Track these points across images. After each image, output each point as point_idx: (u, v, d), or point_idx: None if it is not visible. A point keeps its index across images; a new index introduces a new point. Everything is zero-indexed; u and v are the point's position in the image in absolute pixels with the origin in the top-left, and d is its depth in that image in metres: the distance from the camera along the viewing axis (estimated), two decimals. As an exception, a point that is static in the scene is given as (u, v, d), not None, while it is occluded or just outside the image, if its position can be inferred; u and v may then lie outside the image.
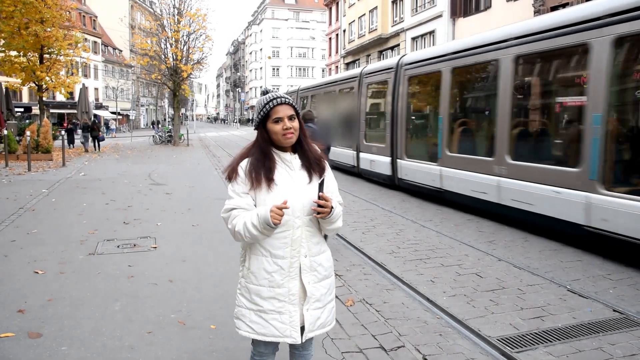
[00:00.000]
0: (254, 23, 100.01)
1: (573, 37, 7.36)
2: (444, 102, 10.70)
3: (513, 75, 8.63)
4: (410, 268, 6.23)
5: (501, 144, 8.79)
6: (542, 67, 8.68)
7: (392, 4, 37.49)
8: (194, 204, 10.50)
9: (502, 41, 8.85)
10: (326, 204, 2.44)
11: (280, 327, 2.55)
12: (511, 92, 8.72)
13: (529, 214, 8.01)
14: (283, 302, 2.55)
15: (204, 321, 4.44)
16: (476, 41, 9.81)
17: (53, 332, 4.19)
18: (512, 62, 8.59)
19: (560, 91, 8.26)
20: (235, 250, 6.67)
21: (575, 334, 4.30)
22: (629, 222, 6.23)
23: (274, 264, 2.54)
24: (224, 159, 22.39)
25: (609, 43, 6.71)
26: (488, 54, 9.31)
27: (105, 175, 15.51)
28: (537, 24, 8.30)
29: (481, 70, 10.15)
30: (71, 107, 49.05)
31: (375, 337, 4.20)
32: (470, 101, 11.08)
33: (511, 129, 8.70)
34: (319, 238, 2.65)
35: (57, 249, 6.83)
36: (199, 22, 31.71)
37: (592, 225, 6.80)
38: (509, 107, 8.72)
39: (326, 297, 2.66)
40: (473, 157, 9.76)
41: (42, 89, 26.28)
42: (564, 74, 8.23)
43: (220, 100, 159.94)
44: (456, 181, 10.01)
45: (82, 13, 58.73)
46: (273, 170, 2.53)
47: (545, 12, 22.32)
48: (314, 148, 2.66)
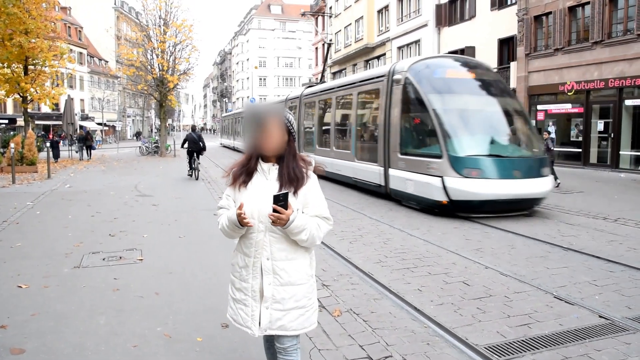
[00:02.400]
0: (241, 33, 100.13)
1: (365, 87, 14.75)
2: (323, 118, 18.11)
3: (355, 104, 15.06)
4: (397, 277, 6.23)
5: (352, 144, 15.03)
6: (357, 100, 15.02)
7: (378, 14, 37.76)
8: (180, 215, 10.44)
9: (350, 84, 15.73)
10: (279, 216, 2.62)
11: (244, 317, 2.87)
12: (354, 114, 15.22)
13: (363, 182, 14.03)
14: (247, 296, 2.85)
15: (191, 334, 4.41)
16: (341, 82, 17.15)
17: (36, 348, 4.13)
18: (355, 95, 15.07)
19: (357, 115, 15.08)
20: (222, 261, 6.66)
21: (561, 341, 4.31)
22: (364, 176, 13.87)
23: (243, 260, 2.88)
24: (211, 169, 22.32)
25: (356, 93, 14.96)
26: (343, 90, 16.23)
27: (91, 187, 15.39)
28: (347, 80, 16.91)
29: (343, 99, 16.34)
30: (56, 119, 48.79)
31: (362, 348, 4.18)
32: (338, 118, 16.84)
33: (357, 135, 15.00)
34: (287, 245, 2.81)
35: (42, 262, 6.75)
36: (185, 32, 31.69)
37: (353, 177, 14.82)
38: (354, 124, 15.14)
39: (289, 303, 2.81)
40: (338, 151, 16.14)
41: (27, 101, 26.05)
42: (355, 107, 15.16)
43: (208, 110, 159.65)
44: (328, 164, 16.36)
45: (67, 24, 58.46)
46: (251, 175, 2.85)
47: (528, 20, 22.60)
48: (294, 164, 2.83)
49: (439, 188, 10.26)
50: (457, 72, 12.02)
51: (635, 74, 18.10)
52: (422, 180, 10.82)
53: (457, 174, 10.06)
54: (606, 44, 19.22)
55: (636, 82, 18.09)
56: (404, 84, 11.83)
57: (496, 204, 10.05)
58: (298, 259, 2.84)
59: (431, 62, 12.38)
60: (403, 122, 12.00)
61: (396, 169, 12.04)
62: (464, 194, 9.98)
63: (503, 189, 9.91)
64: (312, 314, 2.91)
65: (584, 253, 7.30)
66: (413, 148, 11.73)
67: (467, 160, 10.13)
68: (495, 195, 9.89)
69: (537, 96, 22.89)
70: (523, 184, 10.08)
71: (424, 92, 11.20)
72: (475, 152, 10.36)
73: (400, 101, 12.00)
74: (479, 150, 10.49)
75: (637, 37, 17.97)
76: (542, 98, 22.78)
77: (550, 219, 10.14)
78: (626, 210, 10.82)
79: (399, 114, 12.04)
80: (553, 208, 11.21)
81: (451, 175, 10.11)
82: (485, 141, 10.81)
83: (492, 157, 10.26)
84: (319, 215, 2.83)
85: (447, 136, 10.49)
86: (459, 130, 10.83)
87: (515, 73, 23.47)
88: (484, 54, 26.37)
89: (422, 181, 10.82)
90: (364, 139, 14.59)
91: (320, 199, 2.88)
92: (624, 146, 19.18)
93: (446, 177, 10.16)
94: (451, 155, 10.22)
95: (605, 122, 19.87)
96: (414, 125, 11.97)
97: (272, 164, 2.83)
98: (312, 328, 2.96)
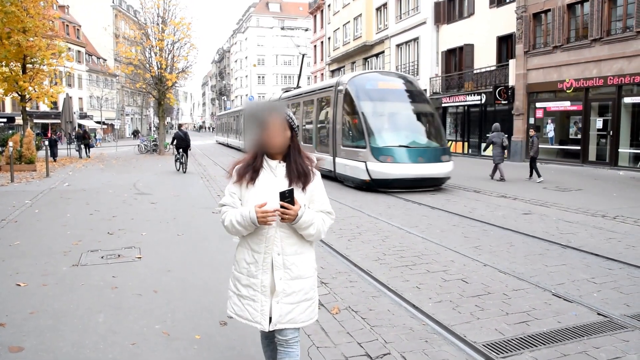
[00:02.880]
0: (239, 31, 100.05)
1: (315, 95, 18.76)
2: None
3: (316, 107, 18.67)
4: (396, 275, 6.23)
5: (313, 139, 18.54)
6: (316, 105, 18.67)
7: (377, 12, 37.73)
8: (179, 213, 10.44)
9: (312, 91, 19.47)
10: (287, 212, 2.67)
11: (252, 312, 2.87)
12: (315, 115, 18.78)
13: (320, 169, 16.91)
14: (256, 292, 2.86)
15: (189, 332, 4.41)
16: (307, 89, 20.82)
17: (35, 346, 4.13)
18: (316, 101, 18.63)
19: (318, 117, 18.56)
20: (220, 259, 6.66)
21: (560, 338, 4.32)
22: (321, 164, 14.54)
23: (251, 256, 2.87)
24: (209, 167, 22.32)
25: (316, 99, 18.42)
26: (307, 96, 19.73)
27: (90, 185, 15.38)
28: (310, 88, 20.63)
29: (309, 103, 19.69)
30: (55, 117, 48.66)
31: (361, 345, 4.19)
32: (304, 118, 20.09)
33: (316, 132, 18.61)
34: (296, 240, 2.87)
35: (40, 260, 6.74)
36: (184, 30, 31.72)
37: None
38: (315, 123, 18.64)
39: (299, 296, 2.87)
40: (304, 144, 18.87)
41: (25, 99, 26.03)
42: (315, 110, 18.83)
43: (206, 108, 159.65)
44: None
45: (65, 22, 58.38)
46: (258, 173, 2.86)
47: (527, 18, 22.59)
48: (301, 160, 2.89)
49: (364, 170, 13.99)
50: (385, 84, 15.92)
51: (634, 72, 18.10)
52: (354, 165, 14.61)
53: (376, 160, 13.73)
54: (605, 42, 19.22)
55: (635, 80, 18.09)
56: (344, 93, 15.49)
57: (405, 181, 13.76)
58: (306, 253, 2.92)
59: (366, 76, 16.41)
60: (344, 123, 15.70)
61: (340, 157, 15.78)
62: (381, 174, 13.68)
63: (410, 170, 13.71)
64: (316, 306, 3.00)
65: (583, 251, 7.31)
66: (349, 142, 15.42)
67: (383, 149, 13.83)
68: (403, 174, 13.65)
69: (536, 94, 22.90)
70: (425, 167, 13.78)
71: (357, 99, 14.94)
72: (389, 144, 14.01)
73: (342, 106, 15.67)
74: (393, 142, 14.12)
75: (636, 34, 17.96)
76: (541, 96, 22.78)
77: (549, 216, 10.15)
78: (625, 207, 10.84)
79: (341, 116, 15.72)
80: (551, 205, 11.22)
81: (372, 161, 13.77)
82: (398, 136, 14.46)
83: (402, 147, 14.02)
84: (323, 210, 2.93)
85: (370, 132, 14.24)
86: (379, 128, 14.57)
87: (514, 71, 23.47)
88: (483, 51, 26.39)
89: (354, 166, 14.61)
90: (321, 135, 18.20)
91: (325, 195, 2.98)
92: (623, 144, 19.18)
93: (368, 162, 13.88)
94: (372, 146, 13.94)
95: (604, 119, 19.88)
96: (350, 124, 15.48)
97: (279, 161, 2.87)
98: (316, 318, 3.03)
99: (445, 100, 29.00)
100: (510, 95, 23.67)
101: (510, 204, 11.66)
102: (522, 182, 15.52)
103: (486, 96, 25.34)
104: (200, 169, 21.32)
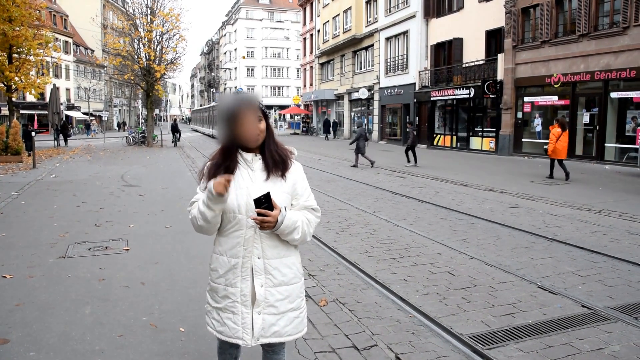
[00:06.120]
0: (228, 23, 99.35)
1: None
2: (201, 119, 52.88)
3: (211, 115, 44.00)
4: (383, 267, 6.26)
5: None
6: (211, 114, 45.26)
7: (366, 5, 37.67)
8: (167, 205, 10.40)
9: (211, 107, 47.68)
10: (265, 219, 2.41)
11: (232, 327, 2.59)
12: None
13: (202, 132, 49.27)
14: (235, 302, 2.58)
15: (176, 324, 4.41)
16: (208, 106, 50.36)
17: (21, 338, 4.11)
18: (211, 112, 43.67)
19: None
20: (208, 252, 6.63)
21: (545, 330, 4.37)
22: (205, 132, 51.40)
23: (228, 262, 2.59)
24: (198, 160, 22.23)
25: (212, 111, 46.38)
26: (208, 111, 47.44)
27: (77, 177, 15.27)
28: (209, 105, 53.11)
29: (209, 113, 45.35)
30: (42, 108, 48.20)
31: (348, 337, 4.21)
32: None
33: None
34: (278, 241, 2.59)
35: (27, 252, 6.70)
36: (172, 22, 31.47)
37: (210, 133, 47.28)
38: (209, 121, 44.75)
39: (284, 305, 2.60)
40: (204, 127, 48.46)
41: (12, 90, 25.76)
42: None
43: (195, 100, 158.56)
44: None
45: (52, 12, 57.70)
46: (232, 170, 2.55)
47: (515, 12, 22.67)
48: (277, 148, 2.63)
49: None
50: None
51: (620, 67, 18.24)
52: None
53: None
54: (592, 37, 19.34)
55: (621, 75, 18.22)
56: None
57: None
58: (291, 256, 2.64)
59: None
60: None
61: None
62: None
63: None
64: (304, 317, 2.74)
65: (568, 244, 7.38)
66: None
67: None
68: None
69: (524, 88, 23.00)
70: None
71: None
72: None
73: None
74: None
75: (623, 30, 18.09)
76: (528, 90, 22.89)
77: (536, 209, 10.23)
78: (610, 201, 10.95)
79: None
80: (538, 199, 11.31)
81: None
82: None
83: None
84: (307, 207, 2.66)
85: None
86: None
87: (502, 65, 23.55)
88: (472, 45, 26.46)
89: None
90: None
91: (308, 189, 2.72)
92: (609, 138, 19.34)
93: None
94: None
95: (590, 114, 20.03)
96: None
97: (255, 154, 2.59)
98: (305, 332, 2.78)
99: (434, 94, 29.03)
100: (499, 89, 23.76)
101: (497, 198, 11.73)
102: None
103: (475, 90, 25.40)
104: (188, 162, 21.23)
